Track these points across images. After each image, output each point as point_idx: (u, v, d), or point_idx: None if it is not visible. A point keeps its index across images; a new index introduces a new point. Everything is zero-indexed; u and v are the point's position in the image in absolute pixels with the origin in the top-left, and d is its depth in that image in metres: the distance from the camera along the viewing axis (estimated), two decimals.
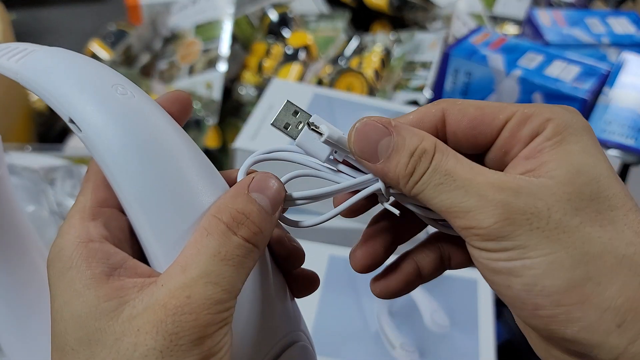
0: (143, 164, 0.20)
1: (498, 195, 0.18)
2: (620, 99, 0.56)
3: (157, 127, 0.21)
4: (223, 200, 0.20)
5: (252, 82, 0.71)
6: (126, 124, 0.20)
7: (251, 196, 0.20)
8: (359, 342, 0.40)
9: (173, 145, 0.21)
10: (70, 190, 0.46)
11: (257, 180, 0.21)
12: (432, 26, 0.84)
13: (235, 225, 0.19)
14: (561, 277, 0.17)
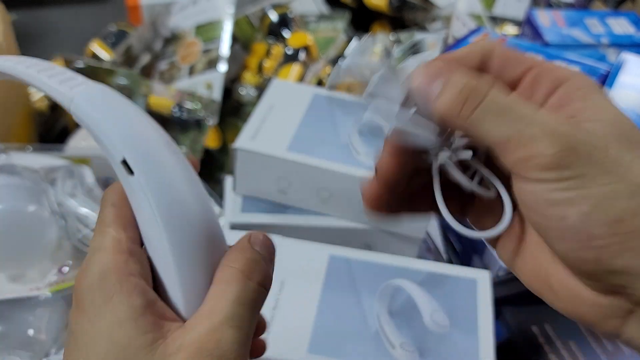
0: (185, 218, 0.22)
1: (561, 126, 0.19)
2: (620, 99, 0.56)
3: (196, 183, 0.23)
4: (234, 253, 0.23)
5: (252, 82, 0.71)
6: (179, 176, 0.22)
7: (255, 248, 0.23)
8: (359, 342, 0.40)
9: (205, 202, 0.23)
10: (70, 190, 0.46)
11: (255, 236, 0.24)
12: (431, 27, 0.84)
13: (249, 272, 0.22)
14: (618, 207, 0.18)
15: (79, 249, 0.43)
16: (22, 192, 0.42)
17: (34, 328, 0.41)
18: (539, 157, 0.19)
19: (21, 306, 0.41)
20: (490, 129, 0.19)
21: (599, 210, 0.18)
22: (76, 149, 0.59)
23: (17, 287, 0.41)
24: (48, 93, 0.22)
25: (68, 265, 0.43)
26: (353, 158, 0.50)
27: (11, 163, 0.45)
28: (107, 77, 0.67)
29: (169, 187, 0.22)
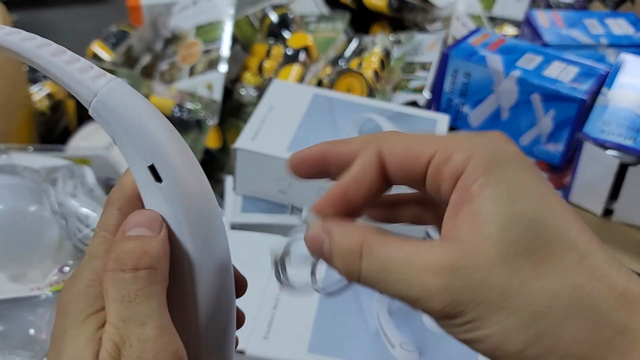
0: (210, 228, 0.21)
1: (437, 280, 0.18)
2: (619, 99, 0.57)
3: (212, 190, 0.22)
4: (108, 254, 0.21)
5: (253, 83, 0.71)
6: (204, 185, 0.21)
7: (126, 235, 0.20)
8: (359, 342, 0.40)
9: (219, 210, 0.23)
10: (71, 191, 0.47)
11: (128, 221, 0.21)
12: (431, 27, 0.84)
13: (122, 264, 0.20)
14: (517, 340, 0.18)
15: (80, 249, 0.44)
16: (23, 192, 0.42)
17: (35, 328, 0.41)
18: (430, 312, 0.19)
19: (22, 306, 0.41)
20: (382, 291, 0.20)
21: (502, 346, 0.18)
22: (77, 149, 0.60)
23: (18, 287, 0.42)
24: (65, 82, 0.20)
25: (69, 265, 0.43)
26: None
27: (12, 163, 0.46)
28: None
29: (196, 197, 0.21)
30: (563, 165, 0.62)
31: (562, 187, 0.60)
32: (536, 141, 0.63)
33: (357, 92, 0.66)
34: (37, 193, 0.43)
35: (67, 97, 0.68)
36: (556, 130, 0.61)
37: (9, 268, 0.42)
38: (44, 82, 0.69)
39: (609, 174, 0.53)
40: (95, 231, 0.22)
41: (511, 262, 0.18)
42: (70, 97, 0.67)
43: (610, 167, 0.53)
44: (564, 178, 0.62)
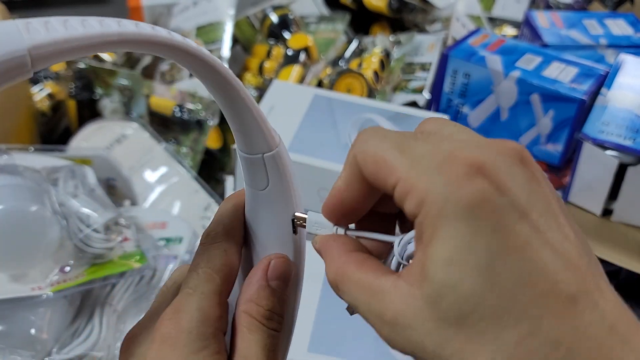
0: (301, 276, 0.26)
1: (384, 329, 0.18)
2: (618, 100, 0.57)
3: None
4: (249, 294, 0.23)
5: (253, 83, 0.71)
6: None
7: (271, 287, 0.23)
8: (359, 342, 0.40)
9: None
10: (72, 191, 0.47)
11: (273, 268, 0.23)
12: (431, 28, 0.84)
13: (266, 321, 0.22)
14: None
15: (81, 249, 0.44)
16: (24, 192, 0.42)
17: (36, 327, 0.41)
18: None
19: (23, 305, 0.41)
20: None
21: None
22: (78, 150, 0.60)
23: (19, 287, 0.42)
24: (253, 123, 0.22)
25: (69, 265, 0.43)
26: None
27: (13, 163, 0.46)
28: (109, 77, 0.68)
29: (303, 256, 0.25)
30: (562, 165, 0.62)
31: (561, 187, 0.60)
32: (536, 141, 0.63)
33: (357, 93, 0.66)
34: (38, 193, 0.43)
35: (68, 98, 0.68)
36: (555, 130, 0.61)
37: (9, 268, 0.42)
38: (45, 82, 0.69)
39: (608, 174, 0.53)
40: (200, 266, 0.23)
41: (442, 333, 0.17)
42: (71, 97, 0.68)
43: (610, 167, 0.53)
44: (563, 178, 0.62)
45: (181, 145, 0.65)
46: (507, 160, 0.17)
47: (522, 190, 0.17)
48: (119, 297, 0.45)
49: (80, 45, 0.16)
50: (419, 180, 0.17)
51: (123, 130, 0.65)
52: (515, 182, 0.17)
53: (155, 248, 0.49)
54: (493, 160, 0.17)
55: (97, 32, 0.17)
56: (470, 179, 0.17)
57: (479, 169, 0.17)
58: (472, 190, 0.16)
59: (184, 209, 0.58)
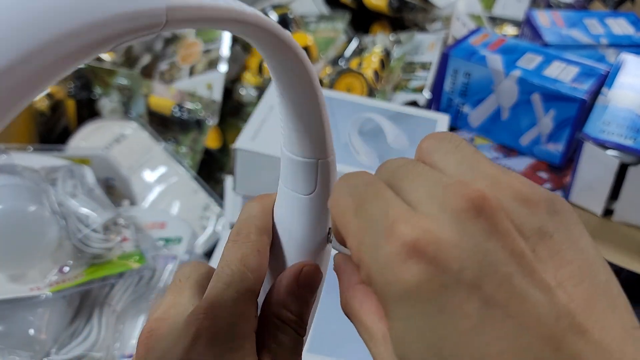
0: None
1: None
2: (619, 99, 0.57)
3: None
4: (280, 298, 0.23)
5: (253, 82, 0.71)
6: None
7: (301, 294, 0.23)
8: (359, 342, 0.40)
9: None
10: (71, 190, 0.47)
11: (305, 275, 0.23)
12: (431, 27, 0.84)
13: (295, 325, 0.23)
14: None
15: (79, 249, 0.43)
16: (23, 192, 0.42)
17: (35, 328, 0.41)
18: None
19: (22, 306, 0.41)
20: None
21: None
22: (77, 149, 0.60)
23: (18, 287, 0.41)
24: (316, 126, 0.22)
25: (68, 265, 0.43)
26: (353, 158, 0.51)
27: (12, 163, 0.45)
28: (108, 77, 0.68)
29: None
30: (563, 165, 0.62)
31: (562, 187, 0.60)
32: (536, 141, 0.63)
33: (357, 92, 0.66)
34: (36, 193, 0.43)
35: (66, 97, 0.68)
36: (556, 130, 0.61)
37: (8, 268, 0.42)
38: None
39: (609, 174, 0.53)
40: (227, 262, 0.23)
41: None
42: (70, 96, 0.67)
43: (611, 167, 0.53)
44: (564, 178, 0.62)
45: (180, 145, 0.65)
46: (456, 221, 0.15)
47: (471, 257, 0.15)
48: (118, 298, 0.45)
49: (210, 16, 0.16)
50: (364, 253, 0.16)
51: (122, 130, 0.65)
52: (462, 250, 0.15)
53: (155, 248, 0.49)
54: (435, 231, 0.15)
55: (228, 7, 0.17)
56: (404, 261, 0.15)
57: (413, 248, 0.15)
58: (407, 275, 0.15)
59: (183, 209, 0.58)
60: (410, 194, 0.17)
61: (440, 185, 0.17)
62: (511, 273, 0.15)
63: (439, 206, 0.16)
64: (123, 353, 0.44)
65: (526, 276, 0.15)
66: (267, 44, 0.19)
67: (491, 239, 0.15)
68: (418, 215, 0.16)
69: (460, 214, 0.15)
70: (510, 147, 0.65)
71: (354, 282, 0.20)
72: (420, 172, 0.18)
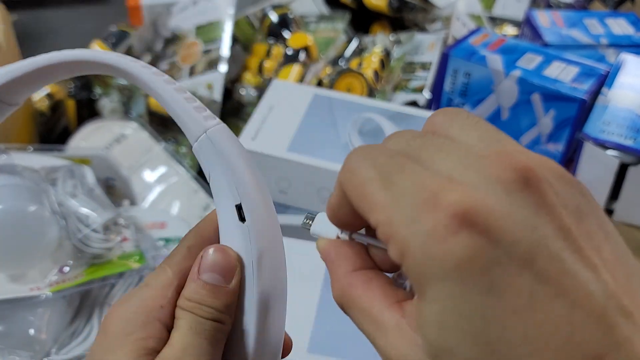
0: (277, 272, 0.23)
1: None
2: (619, 99, 0.57)
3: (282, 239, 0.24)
4: (186, 286, 0.22)
5: (253, 83, 0.71)
6: (278, 230, 0.23)
7: (203, 280, 0.22)
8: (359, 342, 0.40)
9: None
10: (71, 190, 0.47)
11: (205, 261, 0.22)
12: (431, 27, 0.84)
13: (196, 309, 0.21)
14: None
15: (80, 249, 0.43)
16: (23, 192, 0.42)
17: (35, 328, 0.41)
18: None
19: (22, 306, 0.41)
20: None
21: None
22: (77, 149, 0.59)
23: (18, 287, 0.41)
24: (178, 115, 0.23)
25: (68, 265, 0.43)
26: None
27: (12, 163, 0.45)
28: (108, 77, 0.68)
29: (271, 240, 0.23)
30: (563, 165, 0.62)
31: None
32: (536, 141, 0.63)
33: (357, 92, 0.66)
34: (36, 193, 0.43)
35: (67, 97, 0.68)
36: (556, 130, 0.61)
37: (8, 268, 0.42)
38: None
39: (609, 174, 0.53)
40: (161, 263, 0.23)
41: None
42: (70, 96, 0.67)
43: (611, 167, 0.53)
44: None
45: (180, 145, 0.65)
46: (503, 192, 0.14)
47: (522, 230, 0.14)
48: (118, 298, 0.45)
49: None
50: (399, 228, 0.15)
51: (122, 130, 0.65)
52: (513, 222, 0.14)
53: (155, 248, 0.49)
54: (483, 200, 0.14)
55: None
56: (455, 232, 0.14)
57: (464, 218, 0.14)
58: (458, 248, 0.14)
59: (183, 209, 0.58)
60: (438, 163, 0.16)
61: (473, 155, 0.15)
62: (562, 247, 0.14)
63: (482, 176, 0.15)
64: None
65: (575, 252, 0.14)
66: (87, 70, 0.22)
67: (540, 212, 0.14)
68: (462, 184, 0.14)
69: (507, 185, 0.14)
70: None
71: (350, 268, 0.19)
72: (444, 142, 0.16)
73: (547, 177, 0.15)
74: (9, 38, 0.63)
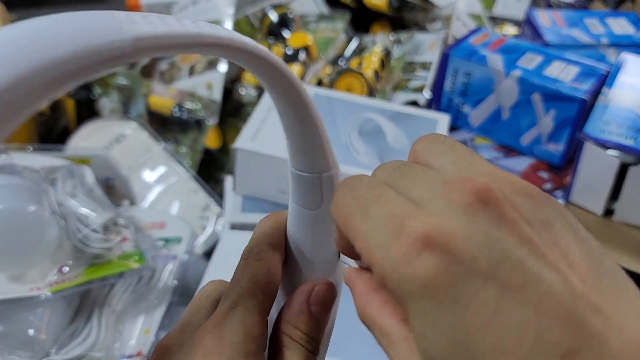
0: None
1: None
2: (619, 99, 0.56)
3: None
4: (290, 316, 0.23)
5: (253, 82, 0.71)
6: None
7: (311, 312, 0.23)
8: (359, 342, 0.40)
9: None
10: (71, 190, 0.46)
11: (316, 294, 0.24)
12: (431, 27, 0.84)
13: (305, 343, 0.23)
14: None
15: (79, 249, 0.43)
16: (23, 192, 0.42)
17: (34, 328, 0.41)
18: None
19: (21, 306, 0.41)
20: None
21: None
22: (76, 149, 0.59)
23: (18, 287, 0.41)
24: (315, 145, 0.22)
25: (68, 265, 0.43)
26: (353, 158, 0.50)
27: (11, 163, 0.45)
28: (108, 77, 0.67)
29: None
30: (563, 165, 0.62)
31: (562, 187, 0.60)
32: (537, 141, 0.63)
33: (357, 92, 0.66)
34: (36, 193, 0.43)
35: (66, 97, 0.68)
36: (557, 130, 0.61)
37: (8, 268, 0.42)
38: None
39: (610, 173, 0.53)
40: (236, 280, 0.23)
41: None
42: (70, 96, 0.67)
43: (611, 167, 0.52)
44: (564, 178, 0.61)
45: (180, 145, 0.65)
46: (464, 214, 0.16)
47: (483, 245, 0.15)
48: (117, 298, 0.45)
49: (181, 43, 0.17)
50: (375, 254, 0.16)
51: (122, 130, 0.65)
52: (473, 240, 0.15)
53: (154, 248, 0.49)
54: (444, 224, 0.15)
55: (198, 32, 0.17)
56: (419, 255, 0.15)
57: (426, 241, 0.15)
58: (422, 268, 0.15)
59: (183, 208, 0.58)
60: (411, 192, 0.17)
61: (440, 181, 0.17)
62: (524, 257, 0.15)
63: (444, 201, 0.16)
64: (123, 353, 0.44)
65: (538, 260, 0.15)
66: (249, 63, 0.19)
67: (500, 227, 0.15)
68: (425, 211, 0.16)
69: (467, 207, 0.16)
70: (510, 147, 0.65)
71: (367, 289, 0.20)
72: (418, 172, 0.18)
73: (507, 194, 0.17)
74: None
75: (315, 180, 0.22)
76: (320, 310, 0.23)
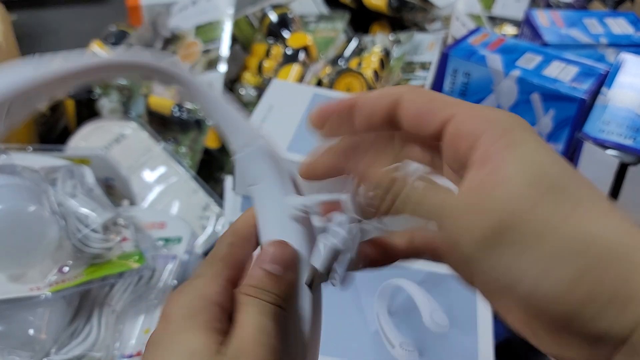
0: None
1: (478, 217, 0.19)
2: (619, 99, 0.57)
3: None
4: (246, 280, 0.24)
5: (252, 82, 0.71)
6: None
7: (267, 270, 0.24)
8: (359, 342, 0.40)
9: None
10: (71, 191, 0.47)
11: (263, 253, 0.24)
12: (431, 27, 0.84)
13: (260, 294, 0.23)
14: (559, 278, 0.18)
15: (79, 249, 0.43)
16: (23, 192, 0.42)
17: (34, 328, 0.41)
18: (468, 241, 0.19)
19: (21, 306, 0.41)
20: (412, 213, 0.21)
21: (540, 287, 0.18)
22: (76, 149, 0.60)
23: (18, 287, 0.41)
24: (227, 126, 0.24)
25: (68, 265, 0.43)
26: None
27: (12, 163, 0.45)
28: None
29: None
30: None
31: None
32: None
33: (357, 92, 0.66)
34: (36, 193, 0.43)
35: (66, 97, 0.68)
36: (556, 129, 0.61)
37: (8, 268, 0.42)
38: None
39: (609, 173, 0.53)
40: (206, 259, 0.25)
41: (552, 197, 0.19)
42: (69, 96, 0.67)
43: (610, 167, 0.53)
44: None
45: (180, 145, 0.65)
46: None
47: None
48: (117, 298, 0.45)
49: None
50: (484, 110, 0.21)
51: (121, 130, 0.65)
52: None
53: (154, 248, 0.49)
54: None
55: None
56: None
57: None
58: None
59: (183, 208, 0.58)
60: None
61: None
62: None
63: None
64: (123, 353, 0.44)
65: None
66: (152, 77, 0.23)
67: None
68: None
69: None
70: None
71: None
72: None
73: None
74: (8, 38, 0.63)
75: (242, 158, 0.25)
76: (275, 267, 0.23)
